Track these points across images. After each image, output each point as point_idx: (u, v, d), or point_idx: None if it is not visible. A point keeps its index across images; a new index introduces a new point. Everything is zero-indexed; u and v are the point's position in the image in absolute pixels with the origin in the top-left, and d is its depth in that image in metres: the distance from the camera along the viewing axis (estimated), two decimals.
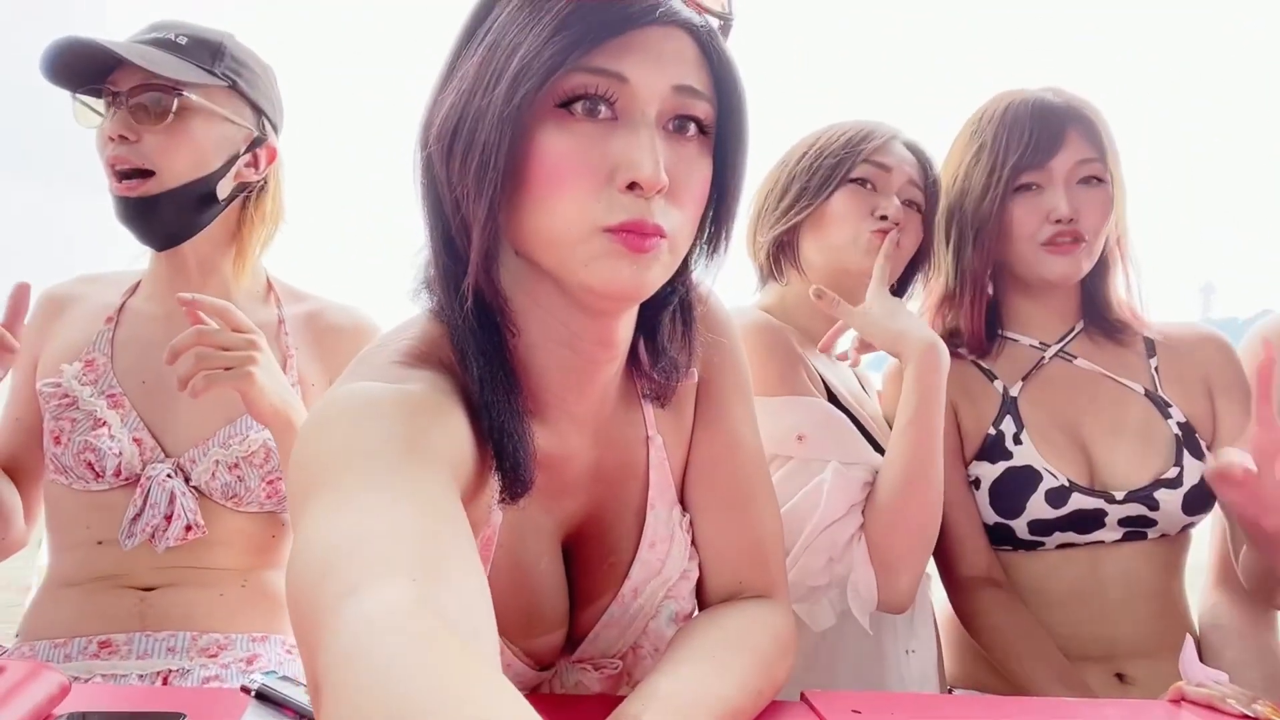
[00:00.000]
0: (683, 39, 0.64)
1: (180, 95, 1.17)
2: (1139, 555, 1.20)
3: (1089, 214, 1.20)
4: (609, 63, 0.61)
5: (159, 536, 1.16)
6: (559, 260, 0.64)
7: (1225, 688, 0.89)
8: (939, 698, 1.11)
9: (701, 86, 0.64)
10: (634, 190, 0.61)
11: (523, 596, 0.75)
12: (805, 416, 1.10)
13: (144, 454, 1.20)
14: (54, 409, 1.20)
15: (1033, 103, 1.21)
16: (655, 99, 0.62)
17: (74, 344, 1.23)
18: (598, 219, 0.61)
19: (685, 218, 0.66)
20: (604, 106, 0.62)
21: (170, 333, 1.26)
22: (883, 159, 1.19)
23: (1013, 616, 1.17)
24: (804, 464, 1.07)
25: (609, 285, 0.63)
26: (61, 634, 1.17)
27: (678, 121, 0.65)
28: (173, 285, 1.27)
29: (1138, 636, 1.19)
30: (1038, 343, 1.29)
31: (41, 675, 0.73)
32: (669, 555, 0.81)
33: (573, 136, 0.62)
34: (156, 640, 1.17)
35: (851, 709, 0.83)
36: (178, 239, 1.22)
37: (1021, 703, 1.01)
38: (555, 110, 0.62)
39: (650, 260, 0.63)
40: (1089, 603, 1.19)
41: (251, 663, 1.20)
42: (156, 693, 1.02)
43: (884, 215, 1.18)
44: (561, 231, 0.62)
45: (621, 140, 0.62)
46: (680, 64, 0.63)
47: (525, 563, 0.75)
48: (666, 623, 0.81)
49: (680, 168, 0.64)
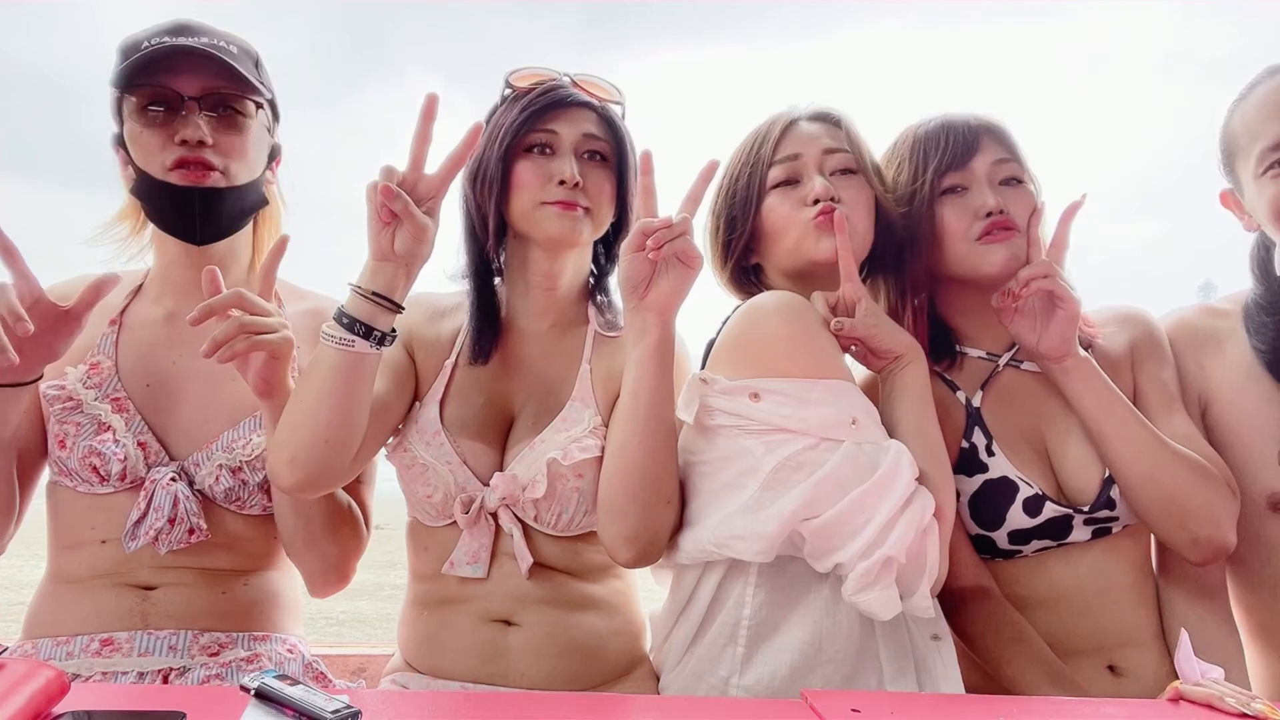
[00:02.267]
0: (587, 111, 1.22)
1: (260, 108, 1.24)
2: (1109, 551, 1.23)
3: (1015, 209, 1.24)
4: (548, 125, 1.19)
5: (162, 539, 1.17)
6: (528, 224, 1.19)
7: (1223, 686, 0.89)
8: (939, 697, 1.11)
9: (601, 134, 1.21)
10: (562, 185, 1.17)
11: (472, 410, 1.23)
12: (855, 401, 1.07)
13: (148, 457, 1.20)
14: (58, 412, 1.21)
15: (942, 120, 1.28)
16: (571, 141, 1.20)
17: (77, 346, 1.23)
18: (543, 198, 1.18)
19: (597, 204, 1.20)
20: (547, 149, 1.20)
21: (175, 335, 1.27)
22: (789, 150, 1.22)
23: (1003, 624, 1.18)
24: (858, 446, 1.04)
25: (551, 232, 1.18)
26: (63, 632, 1.18)
27: (588, 153, 1.21)
28: (185, 283, 1.28)
29: (1121, 627, 1.21)
30: (987, 354, 1.31)
31: (41, 673, 0.73)
32: (575, 427, 1.20)
33: (533, 164, 1.19)
34: (158, 639, 1.17)
35: (851, 708, 0.83)
36: (221, 235, 1.25)
37: (1021, 703, 1.01)
38: (524, 153, 1.20)
39: (575, 218, 1.18)
40: (1070, 600, 1.22)
41: (252, 662, 1.20)
42: (157, 691, 1.03)
43: (816, 199, 1.18)
44: (527, 207, 1.19)
45: (555, 163, 1.18)
46: (586, 124, 1.21)
47: (472, 398, 1.24)
48: (568, 473, 1.17)
49: (590, 176, 1.19)
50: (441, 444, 1.19)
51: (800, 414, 1.04)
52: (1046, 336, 1.20)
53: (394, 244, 1.02)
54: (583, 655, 1.18)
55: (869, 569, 0.99)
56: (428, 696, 0.97)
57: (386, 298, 1.04)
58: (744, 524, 1.03)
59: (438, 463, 1.18)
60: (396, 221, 1.01)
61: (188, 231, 1.22)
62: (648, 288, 1.05)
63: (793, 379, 1.05)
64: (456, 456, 1.19)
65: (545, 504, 1.17)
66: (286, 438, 1.09)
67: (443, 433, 1.20)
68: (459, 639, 1.18)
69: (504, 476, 1.18)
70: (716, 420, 1.09)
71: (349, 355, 1.05)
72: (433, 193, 1.04)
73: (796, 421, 1.04)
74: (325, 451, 1.08)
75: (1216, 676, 0.93)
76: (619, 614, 1.24)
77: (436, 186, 1.04)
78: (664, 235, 1.02)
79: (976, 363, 1.31)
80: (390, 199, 0.99)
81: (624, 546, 1.10)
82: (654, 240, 1.02)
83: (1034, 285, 1.18)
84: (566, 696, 1.07)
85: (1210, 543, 1.16)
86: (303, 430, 1.07)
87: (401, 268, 1.04)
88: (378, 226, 1.02)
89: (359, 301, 1.04)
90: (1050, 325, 1.19)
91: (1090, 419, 1.20)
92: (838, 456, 1.03)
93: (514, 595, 1.19)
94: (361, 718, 0.74)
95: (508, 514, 1.18)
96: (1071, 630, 1.20)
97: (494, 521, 1.19)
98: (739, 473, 1.06)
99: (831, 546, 1.02)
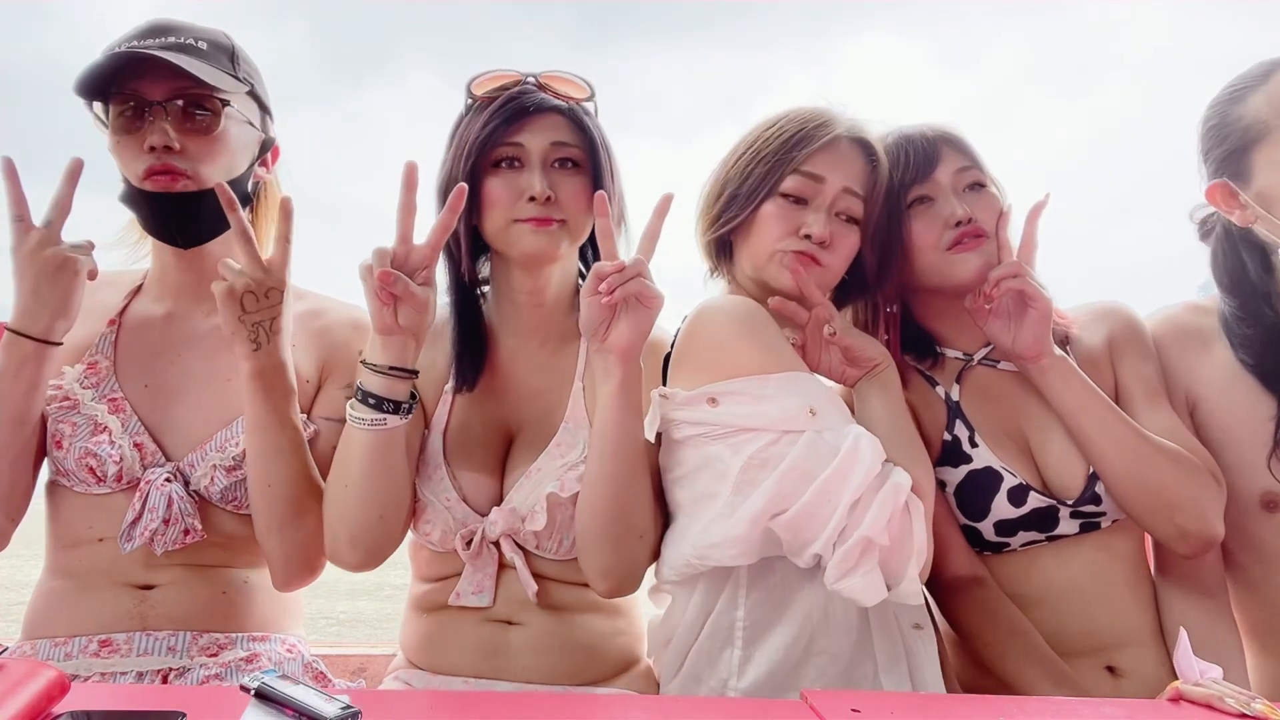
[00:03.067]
0: (556, 116, 1.16)
1: (227, 105, 1.20)
2: (1100, 547, 1.23)
3: (982, 214, 1.24)
4: (513, 137, 1.14)
5: (157, 540, 1.16)
6: (503, 242, 1.16)
7: (1223, 686, 0.89)
8: (938, 697, 1.11)
9: (572, 140, 1.16)
10: (533, 202, 1.12)
11: (472, 438, 1.21)
12: (811, 390, 1.08)
13: (145, 458, 1.20)
14: (55, 411, 1.20)
15: (899, 134, 1.27)
16: (539, 152, 1.14)
17: (76, 345, 1.23)
18: (515, 215, 1.14)
19: (571, 214, 1.15)
20: (515, 163, 1.15)
21: (174, 335, 1.27)
22: (816, 169, 1.16)
23: (999, 615, 1.19)
24: (818, 435, 1.04)
25: (526, 250, 1.15)
26: (62, 632, 1.18)
27: (559, 162, 1.16)
28: (182, 284, 1.28)
29: (1118, 626, 1.21)
30: (964, 354, 1.32)
31: (41, 673, 0.73)
32: (570, 452, 1.19)
33: (502, 179, 1.15)
34: (157, 639, 1.17)
35: (851, 708, 0.83)
36: (204, 238, 1.23)
37: (1021, 703, 1.01)
38: (491, 169, 1.15)
39: (548, 233, 1.13)
40: (1066, 599, 1.22)
41: (251, 661, 1.20)
42: (157, 691, 1.03)
43: (808, 234, 1.15)
44: (500, 225, 1.15)
45: (524, 177, 1.14)
46: (554, 131, 1.15)
47: (472, 425, 1.22)
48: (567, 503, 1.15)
49: (562, 186, 1.15)
50: (441, 479, 1.18)
51: (758, 410, 1.04)
52: (1020, 336, 1.20)
53: (397, 319, 1.04)
54: (584, 653, 1.19)
55: (847, 554, 1.00)
56: (427, 696, 0.97)
57: (403, 369, 1.05)
58: (719, 531, 1.05)
59: (436, 500, 1.18)
60: (396, 300, 1.03)
61: (170, 236, 1.22)
62: (608, 330, 1.04)
63: (746, 377, 1.06)
64: (455, 493, 1.18)
65: (545, 534, 1.17)
66: (339, 521, 1.11)
67: (443, 467, 1.19)
68: (461, 637, 1.19)
69: (502, 511, 1.17)
70: (683, 432, 1.10)
71: (382, 434, 1.06)
72: (425, 262, 1.05)
73: (755, 419, 1.04)
74: (381, 525, 1.11)
75: (1215, 676, 0.93)
76: (621, 615, 1.24)
77: (428, 256, 1.05)
78: (616, 280, 1.01)
79: (955, 363, 1.32)
80: (390, 284, 1.00)
81: (600, 579, 1.13)
82: (607, 285, 1.01)
83: (1004, 285, 1.19)
84: (567, 696, 1.07)
85: (1199, 535, 1.17)
86: (355, 512, 1.09)
87: (410, 338, 1.06)
88: (378, 305, 1.03)
89: (378, 379, 1.05)
90: (1023, 325, 1.20)
91: (1069, 417, 1.20)
92: (799, 448, 1.03)
93: (516, 600, 1.19)
94: (361, 718, 0.74)
95: (509, 543, 1.18)
96: (1067, 630, 1.20)
97: (496, 549, 1.19)
98: (712, 479, 1.07)
99: (805, 539, 1.02)
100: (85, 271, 1.14)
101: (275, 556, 1.21)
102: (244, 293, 1.11)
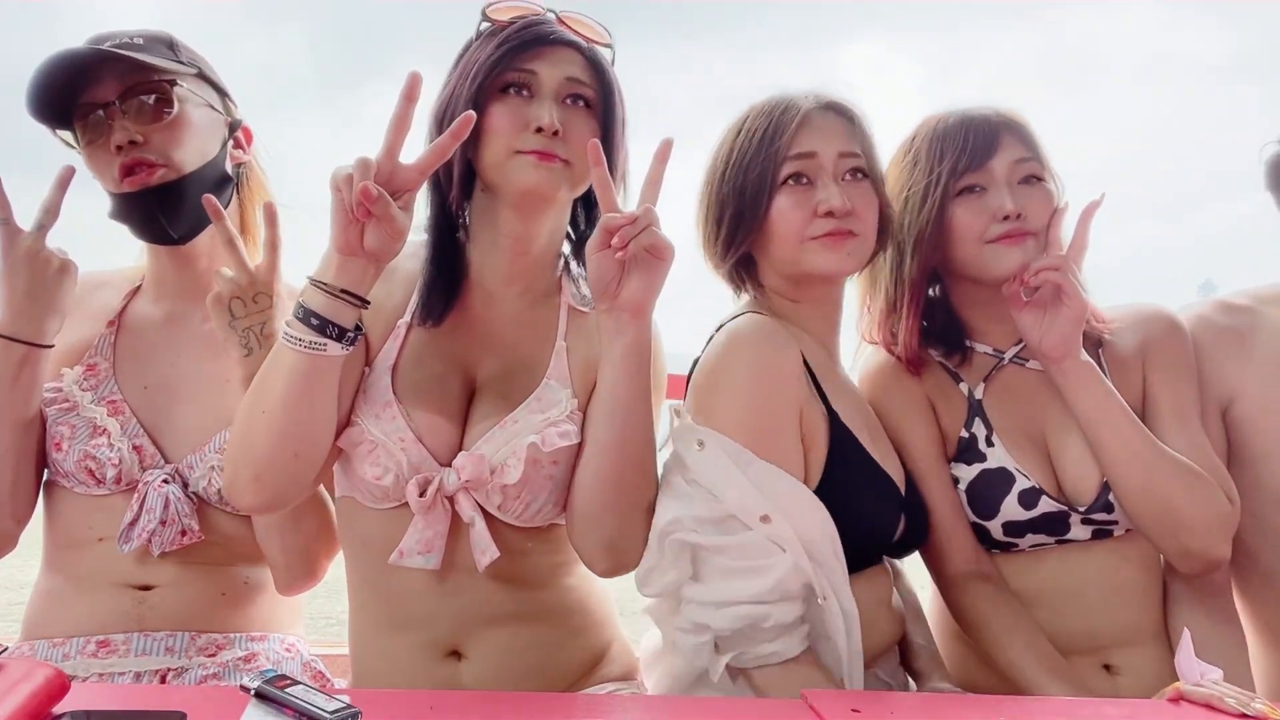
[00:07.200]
0: (572, 52, 1.08)
1: (177, 86, 1.18)
2: (1112, 553, 1.22)
3: (1034, 211, 1.21)
4: (527, 64, 1.06)
5: (155, 541, 1.16)
6: (499, 174, 1.06)
7: (1223, 687, 0.89)
8: (938, 697, 1.11)
9: (586, 78, 1.08)
10: (540, 133, 1.03)
11: (430, 378, 1.10)
12: (779, 496, 1.04)
13: (143, 460, 1.20)
14: (54, 413, 1.20)
15: (962, 115, 1.24)
16: (553, 84, 1.06)
17: (75, 347, 1.23)
18: (518, 146, 1.04)
19: (577, 157, 1.04)
20: (525, 91, 1.06)
21: (173, 336, 1.27)
22: (805, 146, 1.14)
23: (1002, 609, 1.18)
24: (762, 542, 1.03)
25: (524, 184, 1.04)
26: (60, 633, 1.18)
27: (571, 98, 1.07)
28: (180, 285, 1.27)
29: (1118, 628, 1.21)
30: (994, 350, 1.30)
31: (41, 673, 0.73)
32: (551, 409, 1.10)
33: (508, 106, 1.05)
34: (155, 640, 1.17)
35: (851, 708, 0.83)
36: (196, 230, 1.22)
37: (1021, 702, 1.02)
38: (498, 94, 1.06)
39: (549, 169, 1.04)
40: (1070, 600, 1.21)
41: (249, 661, 1.20)
42: (157, 691, 1.03)
43: (829, 211, 1.12)
44: (500, 156, 1.05)
45: (534, 107, 1.05)
46: (570, 66, 1.07)
47: (429, 364, 1.11)
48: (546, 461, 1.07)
49: (571, 123, 1.06)
50: (394, 418, 1.06)
51: (725, 479, 1.04)
52: (1049, 334, 1.18)
53: (363, 239, 0.94)
54: (539, 673, 1.12)
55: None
56: (427, 696, 0.97)
57: (356, 295, 0.97)
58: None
59: (389, 440, 1.05)
60: (371, 218, 0.93)
61: (161, 234, 1.21)
62: (619, 287, 0.99)
63: (740, 446, 1.05)
64: (411, 433, 1.06)
65: (515, 490, 1.06)
66: (245, 454, 1.00)
67: (395, 404, 1.07)
68: (410, 680, 1.10)
69: (471, 456, 1.05)
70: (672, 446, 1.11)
71: (318, 359, 0.97)
72: (409, 185, 0.96)
73: (721, 486, 1.04)
74: (294, 466, 1.00)
75: (1216, 677, 0.93)
76: (574, 615, 1.17)
77: (414, 180, 0.96)
78: (629, 232, 0.95)
79: (983, 358, 1.30)
80: (371, 201, 0.90)
81: (601, 556, 1.09)
82: (619, 238, 0.95)
83: (1043, 275, 1.17)
84: (567, 696, 1.07)
85: (1202, 555, 1.16)
86: (267, 445, 0.99)
87: (371, 264, 0.97)
88: (345, 220, 0.93)
89: (326, 299, 0.96)
90: (1054, 323, 1.18)
91: (1086, 423, 1.19)
92: (736, 540, 1.04)
93: (463, 616, 1.10)
94: (361, 718, 0.74)
95: (468, 499, 1.06)
96: (1068, 630, 1.19)
97: (450, 507, 1.07)
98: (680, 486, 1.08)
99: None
100: (75, 274, 1.14)
101: (276, 560, 1.22)
102: (231, 298, 1.11)
